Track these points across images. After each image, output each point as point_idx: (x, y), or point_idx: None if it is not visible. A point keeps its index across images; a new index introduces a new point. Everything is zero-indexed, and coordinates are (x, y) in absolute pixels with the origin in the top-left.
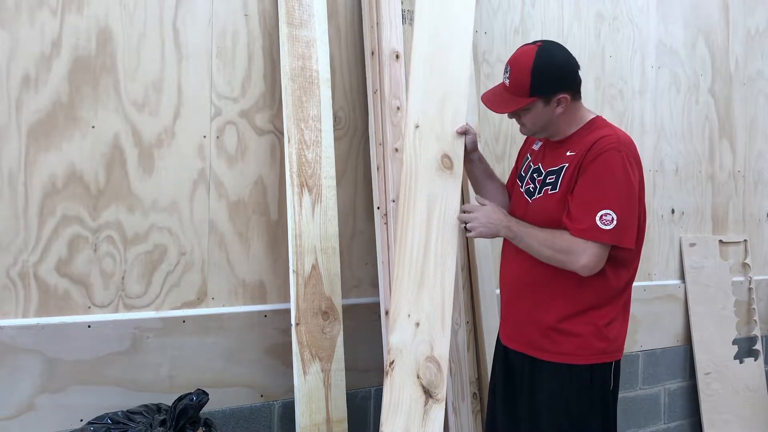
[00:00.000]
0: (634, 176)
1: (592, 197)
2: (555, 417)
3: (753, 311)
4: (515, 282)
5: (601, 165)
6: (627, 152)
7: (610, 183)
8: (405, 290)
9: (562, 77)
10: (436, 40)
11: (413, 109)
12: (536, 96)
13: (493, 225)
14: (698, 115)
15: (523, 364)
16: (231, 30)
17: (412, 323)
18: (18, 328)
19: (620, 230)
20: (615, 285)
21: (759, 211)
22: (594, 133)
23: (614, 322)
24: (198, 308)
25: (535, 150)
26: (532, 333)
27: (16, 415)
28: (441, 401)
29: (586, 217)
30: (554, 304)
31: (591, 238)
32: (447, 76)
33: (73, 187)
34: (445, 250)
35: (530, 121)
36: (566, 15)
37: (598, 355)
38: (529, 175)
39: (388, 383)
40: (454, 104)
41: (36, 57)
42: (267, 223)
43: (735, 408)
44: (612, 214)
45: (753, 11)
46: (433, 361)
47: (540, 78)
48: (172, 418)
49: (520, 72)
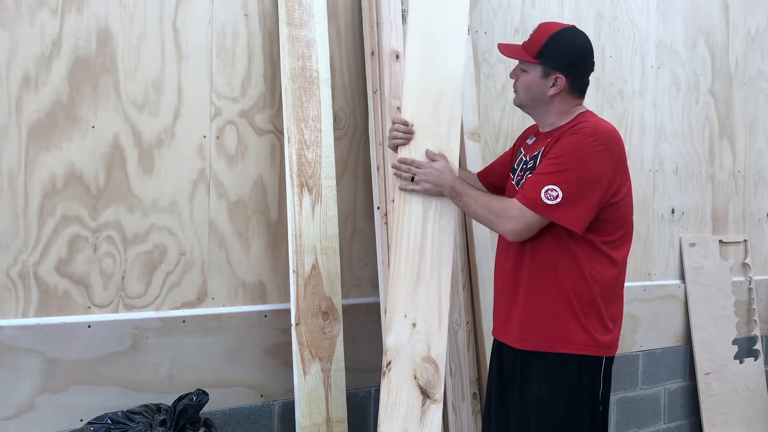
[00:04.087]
0: (600, 162)
1: (546, 171)
2: (543, 416)
3: (753, 311)
4: (506, 276)
5: (565, 145)
6: (599, 139)
7: (566, 162)
8: (401, 290)
9: (570, 59)
10: (430, 38)
11: (408, 107)
12: (539, 61)
13: (440, 185)
14: (698, 115)
15: (514, 357)
16: (231, 30)
17: (409, 323)
18: (18, 328)
19: (562, 209)
20: (595, 275)
21: (759, 211)
22: (576, 120)
23: (592, 315)
24: (198, 308)
25: (529, 144)
26: (521, 325)
27: (16, 415)
28: (438, 402)
29: (534, 188)
30: (545, 298)
31: (529, 206)
32: (442, 73)
33: (73, 187)
34: (442, 250)
35: (523, 85)
36: (566, 15)
37: (585, 347)
38: (520, 168)
39: (385, 384)
40: (450, 102)
41: (36, 57)
42: (267, 223)
43: (735, 408)
44: (558, 191)
45: (753, 11)
46: (430, 362)
47: (552, 48)
48: (172, 418)
49: (542, 33)
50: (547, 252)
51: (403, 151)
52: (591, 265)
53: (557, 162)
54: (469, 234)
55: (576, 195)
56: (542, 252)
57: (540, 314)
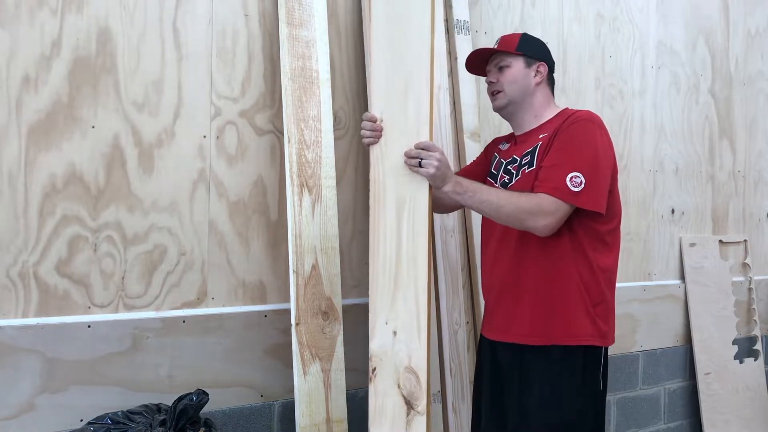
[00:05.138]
0: (606, 145)
1: (562, 159)
2: (545, 415)
3: (753, 311)
4: (503, 275)
5: (574, 131)
6: (600, 124)
7: (581, 147)
8: (381, 297)
9: (545, 51)
10: (393, 23)
11: (376, 103)
12: (521, 53)
13: (445, 175)
14: (698, 115)
15: (513, 356)
16: (231, 30)
17: (390, 331)
18: (18, 328)
19: (588, 194)
20: (598, 263)
21: (759, 211)
22: (565, 114)
23: (601, 305)
24: (198, 308)
25: (503, 150)
26: (530, 321)
27: (16, 415)
28: (423, 414)
29: (556, 177)
30: (556, 292)
31: (562, 198)
32: (407, 60)
33: (73, 187)
34: (417, 255)
35: (509, 79)
36: (566, 15)
37: (591, 338)
38: (503, 169)
39: (372, 389)
40: (416, 92)
41: (36, 57)
42: (267, 223)
43: (735, 408)
44: (581, 176)
45: (753, 11)
46: (411, 372)
47: (527, 42)
48: (172, 418)
49: (510, 37)
50: (556, 245)
51: (375, 149)
52: (596, 255)
53: (568, 149)
54: (469, 234)
55: (595, 178)
56: (551, 245)
57: (551, 309)
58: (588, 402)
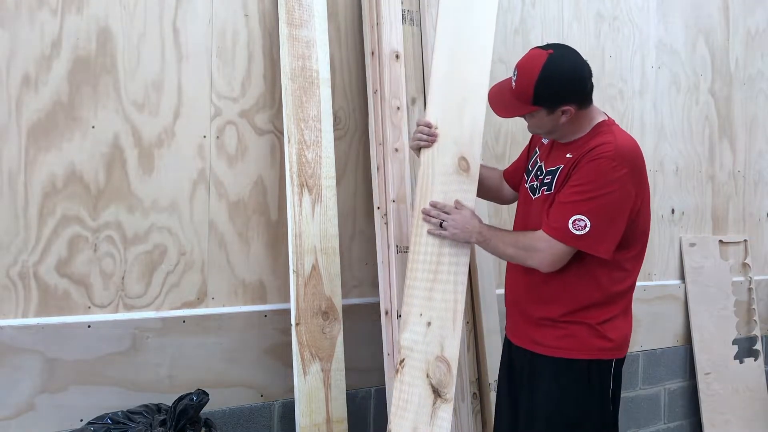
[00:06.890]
0: (624, 186)
1: (571, 200)
2: (552, 417)
3: (753, 311)
4: (517, 281)
5: (589, 171)
6: (622, 162)
7: (591, 191)
8: (418, 289)
9: (567, 90)
10: (458, 46)
11: (433, 111)
12: (539, 106)
13: (467, 231)
14: (698, 115)
15: (524, 359)
16: (231, 30)
17: (424, 322)
18: (18, 328)
19: (592, 239)
20: (613, 289)
21: (759, 211)
22: (596, 138)
23: (611, 321)
24: (198, 308)
25: (544, 144)
26: (530, 328)
27: (16, 414)
28: (449, 401)
29: (560, 218)
30: (551, 303)
31: (558, 238)
32: (468, 80)
33: (73, 187)
34: (459, 252)
35: (534, 125)
36: (566, 15)
37: (594, 351)
38: (534, 172)
39: (397, 381)
40: (473, 109)
41: (36, 57)
42: (267, 223)
43: (735, 408)
44: (586, 220)
45: (753, 11)
46: (443, 361)
47: (544, 90)
48: (172, 418)
49: (526, 80)
50: (566, 272)
51: (426, 153)
52: (611, 282)
53: (582, 190)
54: None
55: (604, 223)
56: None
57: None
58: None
